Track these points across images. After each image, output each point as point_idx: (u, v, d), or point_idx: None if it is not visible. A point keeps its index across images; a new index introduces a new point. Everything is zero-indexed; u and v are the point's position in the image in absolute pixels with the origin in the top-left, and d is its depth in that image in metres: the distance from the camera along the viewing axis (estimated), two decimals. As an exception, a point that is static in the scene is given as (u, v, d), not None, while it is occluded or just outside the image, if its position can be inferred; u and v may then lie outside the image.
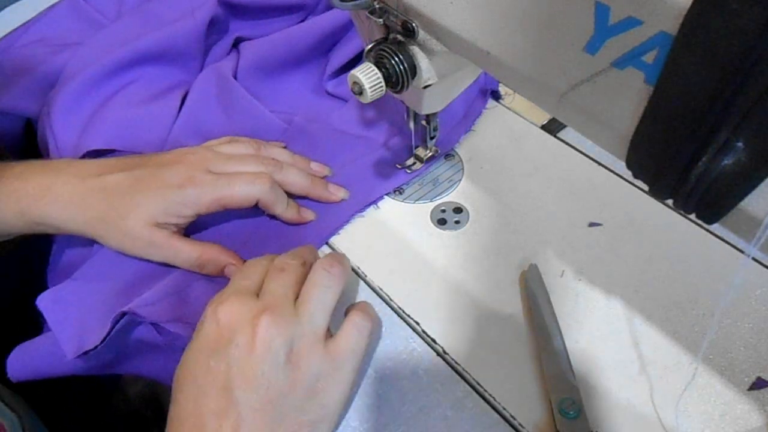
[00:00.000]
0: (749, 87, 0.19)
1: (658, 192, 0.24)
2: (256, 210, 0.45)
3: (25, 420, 0.47)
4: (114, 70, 0.53)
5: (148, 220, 0.41)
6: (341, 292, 0.37)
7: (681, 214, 0.45)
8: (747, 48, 0.18)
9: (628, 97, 0.24)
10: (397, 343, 0.40)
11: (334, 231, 0.46)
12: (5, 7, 0.66)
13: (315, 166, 0.49)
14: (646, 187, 0.25)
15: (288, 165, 0.46)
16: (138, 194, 0.41)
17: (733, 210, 0.22)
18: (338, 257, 0.39)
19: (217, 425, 0.31)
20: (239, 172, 0.43)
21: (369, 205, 0.47)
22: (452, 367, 0.39)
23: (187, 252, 0.42)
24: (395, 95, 0.40)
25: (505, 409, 0.36)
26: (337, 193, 0.47)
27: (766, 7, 0.17)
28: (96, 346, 0.38)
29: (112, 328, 0.38)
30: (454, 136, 0.51)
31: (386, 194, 0.48)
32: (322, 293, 0.36)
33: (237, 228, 0.46)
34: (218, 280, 0.43)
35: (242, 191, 0.42)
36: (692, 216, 0.24)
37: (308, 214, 0.46)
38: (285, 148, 0.50)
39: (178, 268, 0.43)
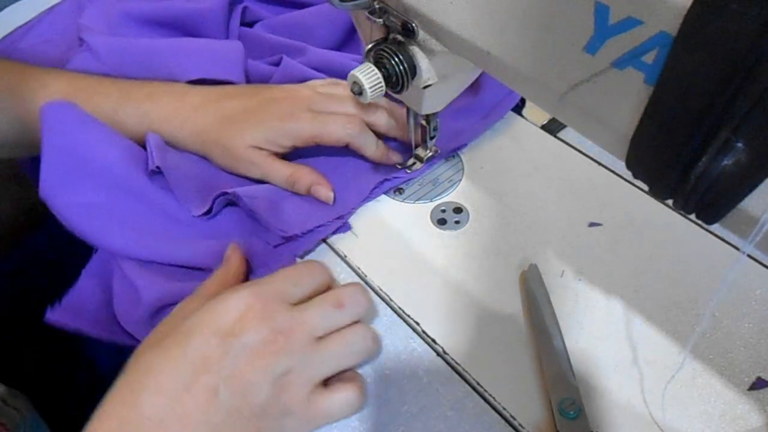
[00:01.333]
0: (749, 87, 0.19)
1: (658, 192, 0.24)
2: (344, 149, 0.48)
3: (27, 418, 0.47)
4: (142, 21, 0.55)
5: (251, 143, 0.46)
6: (359, 362, 0.38)
7: (681, 214, 0.45)
8: (747, 48, 0.18)
9: (628, 97, 0.24)
10: (397, 343, 0.40)
11: (323, 228, 0.46)
12: (5, 7, 0.66)
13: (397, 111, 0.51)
14: (646, 187, 0.25)
15: (380, 107, 0.49)
16: (246, 123, 0.46)
17: (733, 210, 0.22)
18: (374, 337, 0.38)
19: (187, 399, 0.31)
20: (335, 113, 0.47)
21: (366, 197, 0.47)
22: (452, 367, 0.39)
23: (282, 170, 0.47)
24: (395, 95, 0.40)
25: (505, 409, 0.36)
26: (393, 157, 0.49)
27: (766, 7, 0.17)
28: (209, 208, 0.44)
29: (213, 203, 0.44)
30: (459, 140, 0.51)
31: (386, 194, 0.48)
32: (345, 353, 0.36)
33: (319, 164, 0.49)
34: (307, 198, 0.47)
35: (335, 132, 0.46)
36: (692, 216, 0.24)
37: (395, 157, 0.49)
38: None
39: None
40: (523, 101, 0.54)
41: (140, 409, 0.31)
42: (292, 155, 0.49)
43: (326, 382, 0.36)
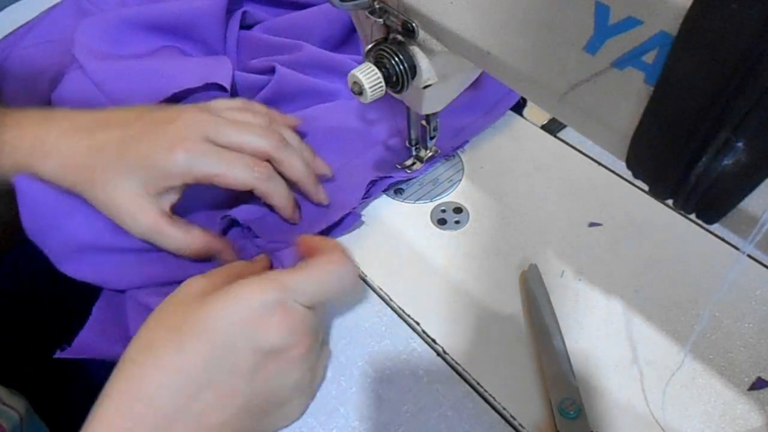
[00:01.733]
0: (749, 87, 0.19)
1: (658, 192, 0.24)
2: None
3: (25, 420, 0.47)
4: (139, 25, 0.55)
5: (135, 191, 0.38)
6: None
7: (681, 214, 0.45)
8: (747, 48, 0.18)
9: (628, 97, 0.24)
10: (397, 343, 0.40)
11: (331, 222, 0.45)
12: (5, 6, 0.66)
13: (319, 163, 0.47)
14: (646, 187, 0.25)
15: (293, 148, 0.43)
16: (125, 158, 0.38)
17: (733, 210, 0.22)
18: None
19: (210, 398, 0.31)
20: (239, 146, 0.40)
21: (365, 198, 0.47)
22: (452, 367, 0.39)
23: (175, 238, 0.40)
24: (395, 95, 0.40)
25: (505, 409, 0.36)
26: (321, 197, 0.45)
27: (766, 7, 0.17)
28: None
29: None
30: (460, 138, 0.51)
31: (386, 194, 0.48)
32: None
33: (229, 205, 0.45)
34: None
35: (237, 176, 0.39)
36: (692, 216, 0.24)
37: (297, 216, 0.44)
38: (298, 133, 0.48)
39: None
40: (523, 101, 0.54)
41: (136, 385, 0.30)
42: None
43: None
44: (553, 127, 0.52)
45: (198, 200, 0.45)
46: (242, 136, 0.40)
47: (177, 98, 0.51)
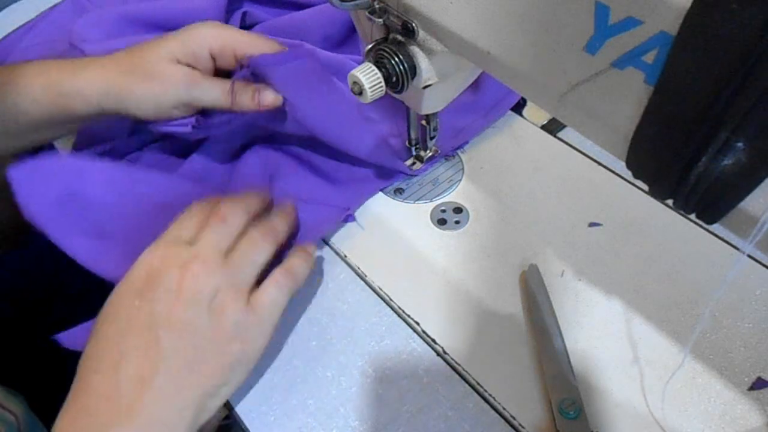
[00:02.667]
0: (749, 87, 0.19)
1: (658, 192, 0.24)
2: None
3: (22, 421, 0.47)
4: (138, 23, 0.55)
5: (171, 56, 0.42)
6: (273, 252, 0.38)
7: (681, 214, 0.45)
8: (747, 48, 0.18)
9: (628, 97, 0.24)
10: (397, 343, 0.40)
11: (330, 223, 0.46)
12: (5, 6, 0.66)
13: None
14: (646, 187, 0.25)
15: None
16: (157, 41, 0.43)
17: (733, 210, 0.22)
18: (275, 225, 0.39)
19: (138, 361, 0.32)
20: None
21: (366, 198, 0.47)
22: (452, 367, 0.39)
23: (215, 86, 0.43)
24: (395, 95, 0.40)
25: (505, 409, 0.36)
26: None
27: (766, 7, 0.17)
28: None
29: None
30: (460, 139, 0.51)
31: (386, 194, 0.48)
32: (252, 252, 0.37)
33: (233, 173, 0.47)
34: None
35: (259, 44, 0.42)
36: (692, 216, 0.24)
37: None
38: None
39: None
40: (523, 101, 0.54)
41: (91, 386, 0.32)
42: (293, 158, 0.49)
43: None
44: (553, 127, 0.52)
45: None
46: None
47: None
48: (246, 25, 0.60)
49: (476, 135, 0.52)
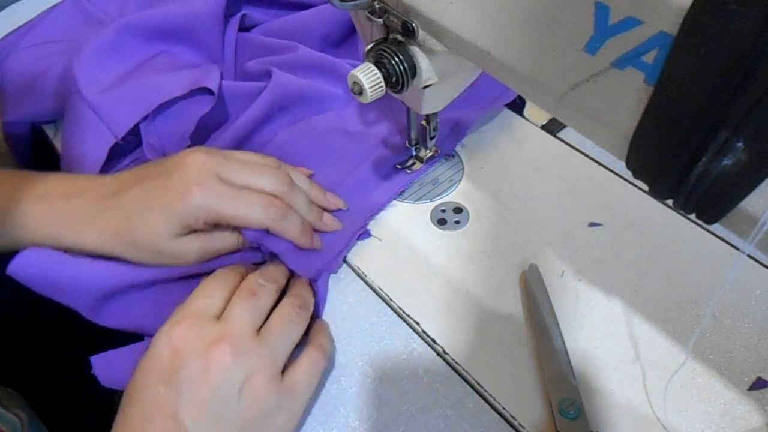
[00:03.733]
0: (749, 87, 0.19)
1: (658, 192, 0.24)
2: None
3: (26, 423, 0.47)
4: (137, 33, 0.54)
5: (170, 236, 0.39)
6: (305, 326, 0.37)
7: (681, 214, 0.45)
8: (747, 48, 0.18)
9: (628, 97, 0.24)
10: (397, 343, 0.40)
11: (347, 247, 0.45)
12: (5, 6, 0.66)
13: (332, 198, 0.46)
14: (646, 187, 0.25)
15: (299, 190, 0.44)
16: (150, 212, 0.39)
17: (733, 210, 0.22)
18: (305, 296, 0.39)
19: None
20: (251, 186, 0.41)
21: (376, 213, 0.47)
22: (452, 367, 0.39)
23: (226, 239, 0.41)
24: (395, 95, 0.40)
25: (505, 409, 0.36)
26: (331, 224, 0.45)
27: (766, 7, 0.17)
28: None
29: None
30: (458, 133, 0.51)
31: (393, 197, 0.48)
32: (288, 329, 0.36)
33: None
34: None
35: (254, 218, 0.40)
36: (692, 216, 0.24)
37: (318, 242, 0.44)
38: (309, 176, 0.48)
39: None
40: (523, 101, 0.54)
41: None
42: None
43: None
44: (553, 127, 0.52)
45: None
46: (254, 177, 0.41)
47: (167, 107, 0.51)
48: (245, 27, 0.60)
49: (473, 129, 0.52)
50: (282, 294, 0.39)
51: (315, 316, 0.41)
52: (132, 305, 0.42)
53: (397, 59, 0.36)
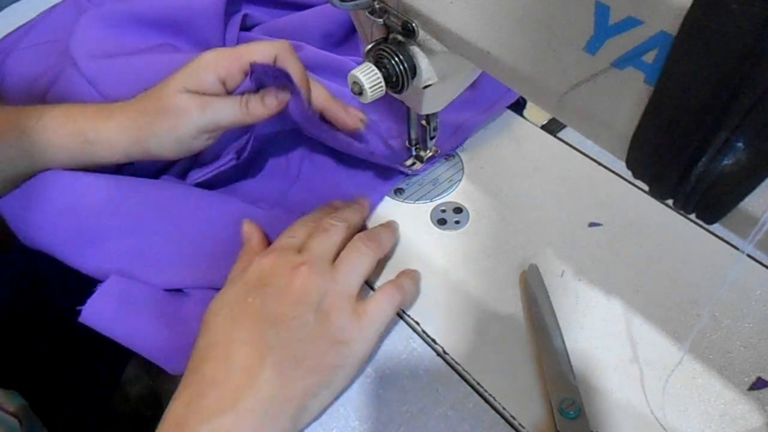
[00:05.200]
0: (749, 87, 0.19)
1: (658, 192, 0.24)
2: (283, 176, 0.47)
3: (24, 423, 0.47)
4: (138, 21, 0.55)
5: (180, 88, 0.42)
6: (377, 261, 0.41)
7: (681, 214, 0.45)
8: (747, 48, 0.18)
9: (628, 97, 0.24)
10: (397, 343, 0.40)
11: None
12: (5, 6, 0.66)
13: (352, 110, 0.49)
14: (646, 187, 0.25)
15: (315, 82, 0.47)
16: (168, 79, 0.43)
17: (733, 210, 0.22)
18: (378, 233, 0.42)
19: (246, 352, 0.33)
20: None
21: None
22: (452, 367, 0.39)
23: (227, 103, 0.43)
24: (395, 95, 0.40)
25: (505, 409, 0.36)
26: (357, 116, 0.48)
27: (766, 7, 0.17)
28: None
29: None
30: (459, 136, 0.51)
31: (386, 194, 0.48)
32: (357, 259, 0.39)
33: (265, 193, 0.48)
34: None
35: (260, 48, 0.43)
36: (692, 216, 0.24)
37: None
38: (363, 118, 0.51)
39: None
40: (523, 101, 0.54)
41: (204, 374, 0.33)
42: (302, 168, 0.49)
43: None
44: (553, 127, 0.52)
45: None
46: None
47: None
48: (246, 27, 0.60)
49: (475, 132, 0.52)
50: None
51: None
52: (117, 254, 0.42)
53: (397, 59, 0.36)
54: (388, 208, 0.48)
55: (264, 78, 0.43)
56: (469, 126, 0.51)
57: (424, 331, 0.40)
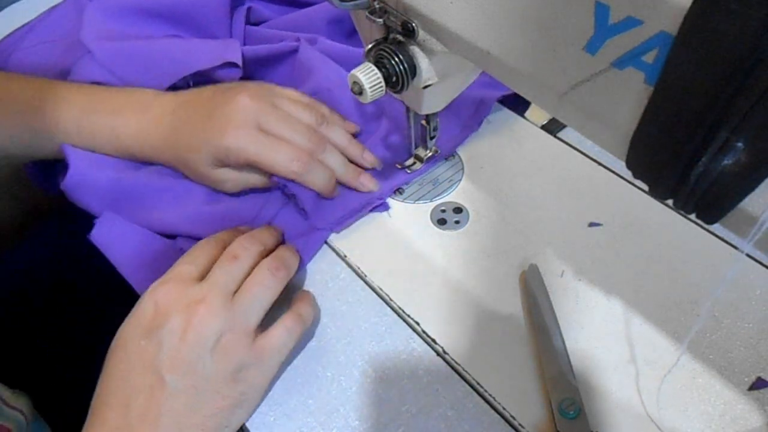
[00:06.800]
0: (749, 87, 0.19)
1: (658, 192, 0.24)
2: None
3: (29, 421, 0.47)
4: (144, 12, 0.55)
5: (207, 164, 0.44)
6: (282, 288, 0.39)
7: (681, 214, 0.45)
8: (747, 48, 0.18)
9: (628, 97, 0.24)
10: (397, 343, 0.40)
11: (361, 208, 0.47)
12: (5, 6, 0.66)
13: (367, 156, 0.49)
14: (646, 187, 0.25)
15: (332, 150, 0.46)
16: (194, 140, 0.44)
17: (733, 210, 0.22)
18: (286, 258, 0.40)
19: (144, 401, 0.33)
20: (286, 142, 0.44)
21: (373, 209, 0.47)
22: (452, 367, 0.39)
23: (259, 180, 0.46)
24: (395, 95, 0.40)
25: (505, 409, 0.36)
26: (368, 184, 0.47)
27: (766, 7, 0.17)
28: None
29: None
30: (458, 139, 0.51)
31: (389, 195, 0.48)
32: (261, 292, 0.37)
33: (255, 198, 0.48)
34: None
35: (279, 164, 0.43)
36: (692, 216, 0.24)
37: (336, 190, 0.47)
38: (355, 129, 0.51)
39: None
40: (525, 102, 0.54)
41: (105, 421, 0.33)
42: None
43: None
44: (553, 127, 0.52)
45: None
46: (289, 132, 0.44)
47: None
48: (251, 22, 0.60)
49: (492, 110, 0.53)
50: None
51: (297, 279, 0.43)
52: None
53: (397, 59, 0.36)
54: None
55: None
56: (489, 101, 0.52)
57: (424, 331, 0.40)
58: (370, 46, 0.37)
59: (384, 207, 0.47)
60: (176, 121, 0.45)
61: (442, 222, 0.46)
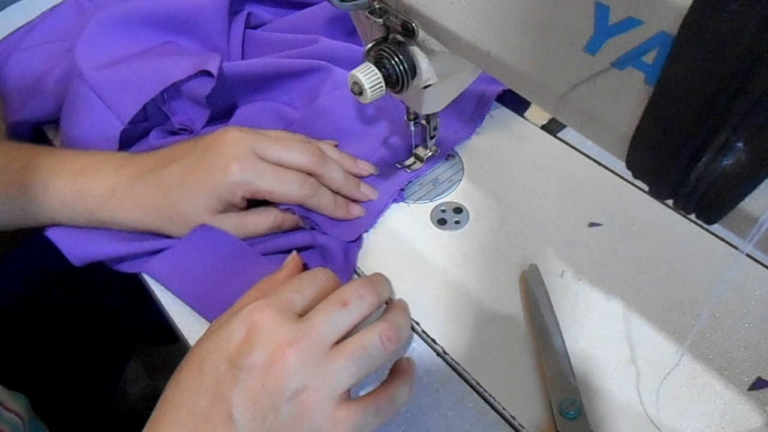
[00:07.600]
0: (749, 87, 0.19)
1: (658, 192, 0.24)
2: None
3: (26, 422, 0.47)
4: (142, 20, 0.55)
5: (208, 211, 0.42)
6: (390, 359, 0.35)
7: (681, 214, 0.45)
8: (747, 48, 0.18)
9: (628, 97, 0.24)
10: (397, 343, 0.40)
11: (385, 207, 0.47)
12: (5, 7, 0.66)
13: (362, 165, 0.49)
14: (646, 187, 0.25)
15: (331, 161, 0.45)
16: (189, 187, 0.41)
17: (733, 210, 0.22)
18: (401, 329, 0.35)
19: (207, 428, 0.31)
20: (285, 163, 0.43)
21: (381, 212, 0.47)
22: (452, 367, 0.39)
23: (262, 221, 0.44)
24: (395, 95, 0.40)
25: (505, 409, 0.36)
26: (369, 194, 0.47)
27: (766, 6, 0.17)
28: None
29: None
30: (457, 138, 0.51)
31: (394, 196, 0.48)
32: (362, 360, 0.33)
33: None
34: None
35: (290, 193, 0.42)
36: (692, 216, 0.24)
37: (356, 210, 0.46)
38: (336, 146, 0.50)
39: None
40: (526, 102, 0.54)
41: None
42: None
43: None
44: (553, 127, 0.52)
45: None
46: (288, 153, 0.43)
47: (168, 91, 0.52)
48: (251, 26, 0.60)
49: (493, 108, 0.53)
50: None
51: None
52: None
53: (397, 59, 0.36)
54: (389, 209, 0.48)
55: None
56: (490, 95, 0.52)
57: (424, 331, 0.40)
58: (369, 46, 0.37)
59: (400, 198, 0.48)
60: (160, 178, 0.42)
61: (442, 222, 0.46)
